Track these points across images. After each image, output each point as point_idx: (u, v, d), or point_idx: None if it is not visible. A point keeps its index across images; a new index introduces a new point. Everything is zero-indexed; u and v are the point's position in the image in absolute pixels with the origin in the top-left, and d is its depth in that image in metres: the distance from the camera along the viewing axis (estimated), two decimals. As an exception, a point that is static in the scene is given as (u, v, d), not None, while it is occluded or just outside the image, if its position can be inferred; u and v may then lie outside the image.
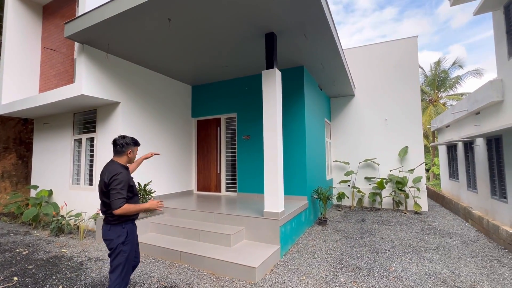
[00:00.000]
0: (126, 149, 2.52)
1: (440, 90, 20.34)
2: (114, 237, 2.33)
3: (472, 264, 3.87)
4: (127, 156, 2.53)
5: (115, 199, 2.24)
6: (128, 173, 2.46)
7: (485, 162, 7.24)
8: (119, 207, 2.23)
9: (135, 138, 2.62)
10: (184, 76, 6.96)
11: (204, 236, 4.32)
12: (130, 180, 2.46)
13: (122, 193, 2.28)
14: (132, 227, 2.46)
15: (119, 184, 2.27)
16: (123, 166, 2.47)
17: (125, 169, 2.44)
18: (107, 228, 2.38)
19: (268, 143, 4.30)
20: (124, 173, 2.38)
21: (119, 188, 2.27)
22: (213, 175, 7.40)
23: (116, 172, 2.32)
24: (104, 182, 2.33)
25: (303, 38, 4.67)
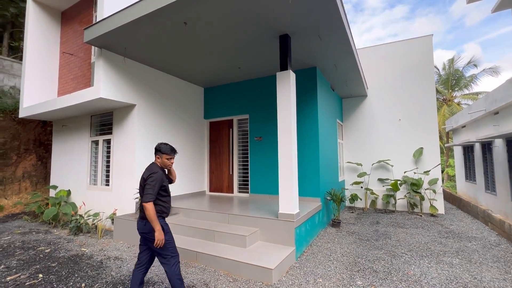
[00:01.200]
0: (156, 154, 2.86)
1: (454, 89, 19.79)
2: (152, 231, 2.59)
3: (494, 269, 3.75)
4: (157, 160, 2.85)
5: (146, 193, 2.56)
6: (163, 174, 2.77)
7: (505, 164, 7.01)
8: (148, 201, 2.53)
9: (165, 146, 2.84)
10: (197, 78, 7.05)
11: (219, 237, 4.36)
12: (164, 180, 2.75)
13: (154, 190, 2.58)
14: (163, 222, 2.74)
15: (153, 181, 2.60)
16: (160, 167, 2.79)
17: (161, 170, 2.77)
18: (143, 223, 2.65)
19: (283, 145, 4.30)
20: (159, 173, 2.69)
21: (152, 185, 2.59)
22: (225, 176, 7.45)
23: (153, 171, 2.67)
24: (143, 178, 2.68)
25: (317, 39, 4.66)
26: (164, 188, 2.74)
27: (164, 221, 2.75)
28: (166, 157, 2.82)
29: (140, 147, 5.73)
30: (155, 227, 2.54)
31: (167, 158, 2.83)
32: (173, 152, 2.86)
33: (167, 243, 2.65)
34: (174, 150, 2.87)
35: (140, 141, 5.74)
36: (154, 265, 3.90)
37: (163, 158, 2.82)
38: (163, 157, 2.82)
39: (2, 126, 8.03)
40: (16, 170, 8.13)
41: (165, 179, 2.80)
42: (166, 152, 2.81)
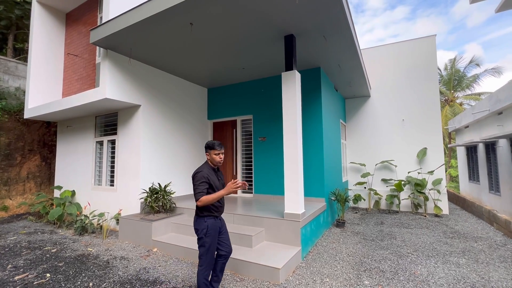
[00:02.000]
0: (205, 152, 2.88)
1: (456, 89, 19.76)
2: (199, 228, 2.70)
3: (502, 269, 3.74)
4: (207, 158, 2.87)
5: (195, 193, 2.64)
6: (211, 172, 2.78)
7: (509, 164, 7.00)
8: (198, 199, 2.61)
9: (212, 142, 2.85)
10: (201, 79, 7.07)
11: (225, 237, 4.36)
12: (210, 178, 2.73)
13: (200, 187, 2.62)
14: (214, 222, 2.74)
15: (198, 180, 2.66)
16: (208, 166, 2.83)
17: (208, 168, 2.80)
18: (195, 219, 2.79)
19: (289, 145, 4.31)
20: (205, 171, 2.72)
21: (198, 184, 2.64)
22: (228, 176, 7.46)
23: (197, 171, 2.72)
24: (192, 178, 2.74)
25: (322, 39, 4.68)
26: (212, 186, 2.72)
27: (213, 221, 2.73)
28: (214, 152, 2.81)
29: (145, 147, 5.75)
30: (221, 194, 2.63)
31: (215, 154, 2.81)
32: (220, 147, 2.84)
33: (204, 245, 2.68)
34: (221, 144, 2.86)
35: (145, 142, 5.76)
36: (160, 265, 3.91)
37: (212, 154, 2.82)
38: (211, 153, 2.82)
39: (7, 127, 8.08)
40: (20, 170, 8.17)
41: (213, 177, 2.76)
42: (213, 147, 2.81)
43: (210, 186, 2.71)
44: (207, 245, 2.67)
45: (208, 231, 2.67)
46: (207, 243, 2.67)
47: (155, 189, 5.41)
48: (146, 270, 3.73)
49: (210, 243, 2.69)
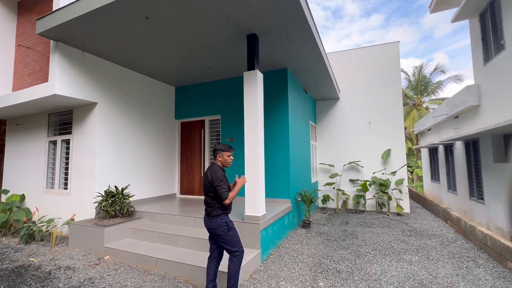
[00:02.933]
0: (216, 154, 3.00)
1: (423, 94, 20.95)
2: (218, 227, 2.82)
3: (449, 265, 3.92)
4: (218, 160, 2.99)
5: (222, 193, 2.76)
6: (224, 173, 2.95)
7: (464, 165, 7.46)
8: (227, 197, 2.77)
9: (225, 145, 3.02)
10: (167, 77, 6.81)
11: (182, 241, 4.18)
12: (226, 178, 2.94)
13: (224, 187, 2.80)
14: (228, 218, 2.91)
15: (220, 181, 2.80)
16: (220, 167, 2.96)
17: (221, 170, 2.95)
18: (209, 220, 2.87)
19: (249, 145, 4.22)
20: (221, 171, 2.89)
21: (221, 184, 2.79)
22: (196, 178, 7.25)
23: (216, 172, 2.85)
24: (209, 180, 2.84)
25: (285, 40, 4.66)
26: (228, 186, 2.93)
27: (228, 218, 2.91)
28: (227, 154, 2.98)
29: (102, 147, 5.40)
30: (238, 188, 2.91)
31: (228, 155, 2.99)
32: (232, 149, 3.04)
33: (232, 239, 2.84)
34: (231, 147, 3.06)
35: (102, 142, 5.40)
36: (108, 274, 3.64)
37: (224, 155, 2.98)
38: (224, 155, 2.97)
39: None
40: (-37, 173, 7.35)
41: (226, 177, 2.97)
42: (227, 149, 2.99)
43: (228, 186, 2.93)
44: (233, 237, 2.85)
45: (229, 226, 2.86)
46: (233, 235, 2.86)
47: (112, 192, 5.08)
48: (92, 281, 3.45)
49: (235, 235, 2.88)
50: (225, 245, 2.86)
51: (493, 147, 5.88)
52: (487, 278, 3.50)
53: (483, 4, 6.16)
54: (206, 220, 2.91)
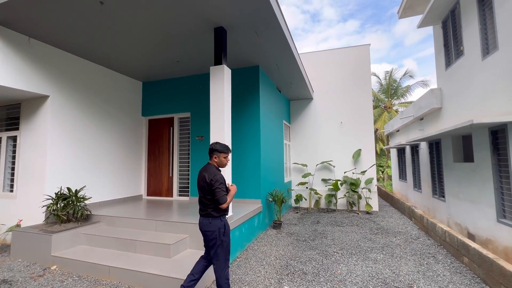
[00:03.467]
0: (212, 154, 2.85)
1: (393, 98, 22.00)
2: (216, 229, 2.66)
3: (411, 262, 4.00)
4: (214, 160, 2.84)
5: (221, 196, 2.62)
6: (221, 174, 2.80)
7: (428, 164, 7.82)
8: (225, 201, 2.65)
9: (222, 145, 2.87)
10: (133, 71, 6.38)
11: (141, 247, 3.87)
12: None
13: (223, 190, 2.67)
14: (227, 222, 2.79)
15: (220, 183, 2.65)
16: (217, 168, 2.83)
17: (219, 170, 2.81)
18: (208, 221, 2.70)
19: (215, 144, 4.01)
20: (220, 173, 2.77)
21: (220, 187, 2.64)
22: (164, 178, 6.88)
23: (215, 174, 2.70)
24: (206, 182, 2.66)
25: (255, 36, 4.51)
26: (227, 188, 2.81)
27: (227, 221, 2.79)
28: (224, 155, 2.85)
29: (54, 146, 4.89)
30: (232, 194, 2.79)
31: (224, 157, 2.85)
32: (228, 150, 2.91)
33: (223, 244, 2.69)
34: (228, 148, 2.92)
35: (54, 139, 4.89)
36: (52, 287, 3.25)
37: (221, 157, 2.83)
38: (220, 156, 2.83)
39: None
40: None
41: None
42: (224, 150, 2.85)
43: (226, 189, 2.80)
44: (225, 244, 2.71)
45: (226, 230, 2.72)
46: (226, 242, 2.71)
47: (64, 194, 4.61)
48: (30, 295, 3.05)
49: (227, 242, 2.73)
50: (216, 250, 2.67)
51: (453, 147, 6.20)
52: (445, 274, 3.60)
53: (445, 12, 6.47)
54: (204, 221, 2.72)
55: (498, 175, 4.53)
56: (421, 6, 7.63)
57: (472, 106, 5.23)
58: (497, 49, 4.46)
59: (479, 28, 5.01)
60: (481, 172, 4.95)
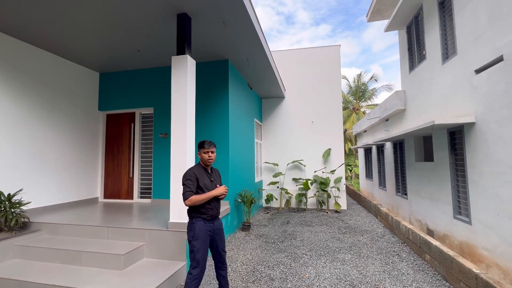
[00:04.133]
0: (197, 151, 2.78)
1: (361, 100, 23.05)
2: (187, 231, 2.55)
3: (377, 262, 4.00)
4: (199, 157, 2.75)
5: (184, 192, 2.50)
6: (201, 171, 2.65)
7: (392, 163, 8.13)
8: (186, 198, 2.47)
9: (205, 141, 2.74)
10: (89, 60, 5.71)
11: (88, 259, 3.37)
12: (199, 177, 2.58)
13: (189, 186, 2.50)
14: (202, 224, 2.52)
15: (186, 180, 2.53)
16: (200, 165, 2.73)
17: (199, 167, 2.70)
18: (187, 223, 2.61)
19: (177, 141, 3.65)
20: (195, 170, 2.63)
21: (184, 182, 2.52)
22: (124, 179, 6.28)
23: (188, 170, 2.63)
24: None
25: (223, 26, 4.21)
26: (204, 186, 2.58)
27: (203, 224, 2.52)
28: (203, 150, 2.71)
29: (-18, 142, 4.13)
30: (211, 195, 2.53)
31: (204, 152, 2.70)
32: (209, 145, 2.71)
33: (192, 249, 2.47)
34: (210, 143, 2.75)
35: (-18, 134, 4.13)
36: None
37: (201, 152, 2.72)
38: (201, 151, 2.73)
39: None
40: None
41: (202, 176, 2.62)
42: (201, 146, 2.73)
43: (199, 186, 2.56)
44: (195, 249, 2.46)
45: (195, 234, 2.49)
46: (195, 247, 2.46)
47: (-7, 199, 3.90)
48: None
49: (198, 248, 2.46)
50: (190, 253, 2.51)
51: (415, 147, 6.47)
52: (409, 272, 3.64)
53: (409, 17, 6.73)
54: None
55: (455, 174, 4.76)
56: (388, 11, 7.90)
57: (433, 108, 5.46)
58: (456, 54, 4.67)
59: (440, 33, 5.23)
60: (440, 171, 5.18)
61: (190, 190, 2.49)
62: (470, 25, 4.24)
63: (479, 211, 4.00)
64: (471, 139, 4.21)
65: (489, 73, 3.78)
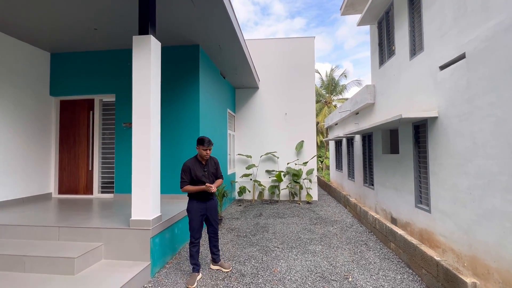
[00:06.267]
0: (196, 145, 3.25)
1: (332, 94, 23.72)
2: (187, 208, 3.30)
3: (346, 252, 4.09)
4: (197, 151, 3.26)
5: (180, 182, 3.19)
6: (196, 164, 3.24)
7: (361, 155, 8.43)
8: (181, 187, 3.17)
9: (201, 138, 3.19)
10: (36, 37, 4.97)
11: (33, 265, 2.96)
12: (193, 169, 3.18)
13: (184, 177, 3.17)
14: (196, 203, 3.24)
15: (183, 172, 3.19)
16: (196, 158, 3.30)
17: (195, 160, 3.28)
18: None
19: (138, 132, 3.31)
20: (190, 163, 3.23)
21: (182, 175, 3.18)
22: (82, 172, 5.71)
23: (185, 163, 3.24)
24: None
25: (190, 4, 3.86)
26: (196, 177, 3.17)
27: (197, 204, 3.23)
28: (202, 148, 3.17)
29: None
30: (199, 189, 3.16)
31: (203, 149, 3.18)
32: (208, 144, 3.18)
33: (189, 222, 3.23)
34: (210, 141, 3.20)
35: None
36: None
37: (200, 148, 3.19)
38: (200, 148, 3.19)
39: None
40: None
41: (197, 168, 3.20)
42: (200, 144, 3.19)
43: (196, 178, 3.17)
44: (189, 220, 3.21)
45: (188, 209, 3.26)
46: (190, 218, 3.22)
47: None
48: None
49: (191, 218, 3.21)
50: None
51: (382, 140, 6.72)
52: (376, 261, 3.76)
53: (380, 13, 6.85)
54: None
55: (418, 165, 5.01)
56: (361, 5, 7.99)
57: (401, 102, 5.66)
58: (423, 50, 4.83)
59: (409, 30, 5.37)
60: (404, 162, 5.43)
61: (184, 180, 3.14)
62: (436, 22, 4.38)
63: (438, 200, 4.25)
64: (433, 132, 4.42)
65: (452, 70, 3.94)
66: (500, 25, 3.02)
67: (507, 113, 2.91)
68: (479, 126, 3.35)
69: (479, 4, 3.39)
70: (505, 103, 2.93)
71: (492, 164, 3.10)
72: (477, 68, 3.40)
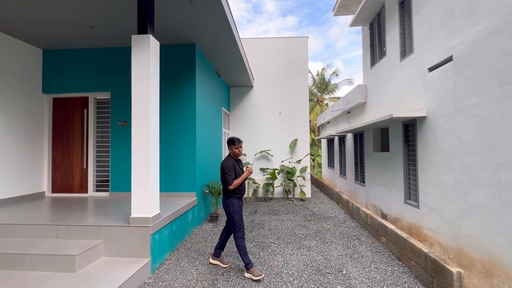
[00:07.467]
0: (228, 146, 3.51)
1: (324, 92, 24.02)
2: (227, 207, 3.35)
3: (340, 246, 4.26)
4: (230, 151, 3.51)
5: (227, 179, 3.29)
6: (234, 162, 3.43)
7: (352, 153, 8.66)
8: (231, 183, 3.28)
9: (232, 138, 3.47)
10: (28, 33, 4.88)
11: (32, 263, 2.97)
12: (235, 167, 3.39)
13: (231, 174, 3.31)
14: (238, 201, 3.37)
15: (228, 169, 3.31)
16: (232, 157, 3.47)
17: (232, 159, 3.44)
18: (223, 201, 3.42)
19: (138, 130, 3.35)
20: (230, 161, 3.39)
21: (227, 172, 3.30)
22: (76, 171, 5.66)
23: (224, 163, 3.36)
24: (221, 169, 3.37)
25: (189, 4, 3.89)
26: (238, 173, 3.37)
27: (237, 201, 3.36)
28: (234, 147, 3.43)
29: None
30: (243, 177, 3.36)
31: (235, 148, 3.43)
32: (238, 142, 3.46)
33: (234, 220, 3.29)
34: (239, 140, 3.48)
35: None
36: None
37: (232, 148, 3.44)
38: (232, 147, 3.44)
39: None
40: None
41: (236, 166, 3.40)
42: (232, 143, 3.44)
43: (235, 173, 3.35)
44: (236, 219, 3.29)
45: (234, 208, 3.30)
46: (235, 218, 3.29)
47: None
48: None
49: (237, 217, 3.30)
50: (231, 222, 3.35)
51: (373, 138, 6.94)
52: (368, 254, 3.94)
53: (372, 14, 7.04)
54: (225, 201, 3.39)
55: (407, 163, 5.22)
56: (353, 7, 8.17)
57: (391, 102, 5.86)
58: (412, 52, 5.02)
59: (399, 32, 5.56)
60: (394, 160, 5.65)
61: (232, 177, 3.28)
62: (426, 25, 4.56)
63: (426, 196, 4.46)
64: (422, 131, 4.62)
65: (440, 72, 4.13)
66: (485, 30, 3.21)
67: (490, 113, 3.10)
68: (464, 126, 3.55)
69: (466, 10, 3.58)
70: (488, 105, 3.13)
71: (476, 161, 3.31)
72: (463, 70, 3.59)
